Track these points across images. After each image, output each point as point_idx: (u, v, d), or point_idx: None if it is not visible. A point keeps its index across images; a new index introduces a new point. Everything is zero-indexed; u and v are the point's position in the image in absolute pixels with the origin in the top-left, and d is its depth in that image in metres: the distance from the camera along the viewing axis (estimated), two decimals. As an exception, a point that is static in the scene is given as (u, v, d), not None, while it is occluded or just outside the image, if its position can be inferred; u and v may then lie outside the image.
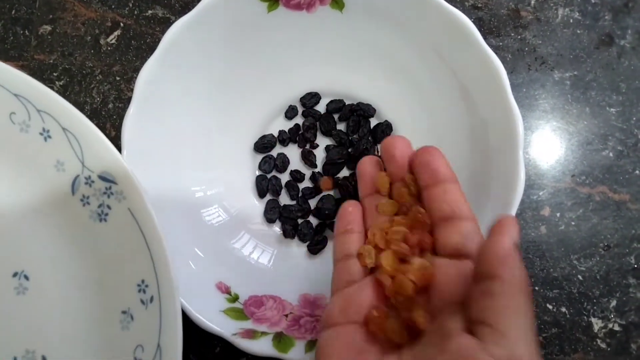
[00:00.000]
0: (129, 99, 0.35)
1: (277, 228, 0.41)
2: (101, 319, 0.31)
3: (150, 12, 0.45)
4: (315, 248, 0.40)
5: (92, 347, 0.31)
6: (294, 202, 0.41)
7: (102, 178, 0.31)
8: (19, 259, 0.32)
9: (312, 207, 0.41)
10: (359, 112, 0.41)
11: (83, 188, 0.31)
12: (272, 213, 0.40)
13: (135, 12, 0.45)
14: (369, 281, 0.27)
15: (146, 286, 0.30)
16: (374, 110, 0.41)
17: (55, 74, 0.44)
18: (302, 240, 0.40)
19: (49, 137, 0.31)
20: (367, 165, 0.30)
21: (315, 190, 0.41)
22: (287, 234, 0.40)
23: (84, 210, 0.32)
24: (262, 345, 0.34)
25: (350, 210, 0.29)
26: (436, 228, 0.26)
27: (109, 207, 0.31)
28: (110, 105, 0.43)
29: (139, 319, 0.30)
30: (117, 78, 0.44)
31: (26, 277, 0.32)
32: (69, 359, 0.31)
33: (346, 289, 0.27)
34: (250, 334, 0.34)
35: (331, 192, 0.41)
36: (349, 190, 0.40)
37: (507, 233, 0.22)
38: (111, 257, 0.31)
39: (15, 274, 0.32)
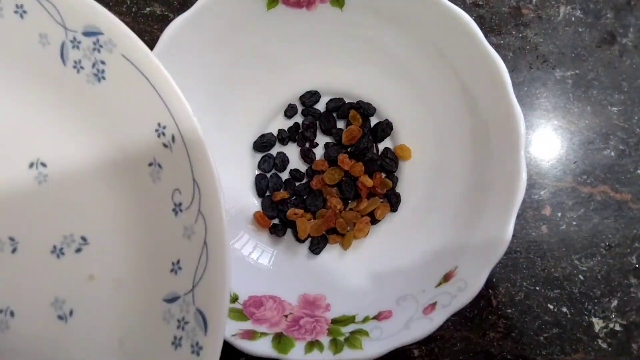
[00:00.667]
0: (127, 98, 0.35)
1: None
2: (129, 177, 0.29)
3: (148, 9, 0.45)
4: (316, 248, 0.39)
5: (126, 209, 0.30)
6: (293, 198, 0.41)
7: (87, 34, 0.28)
8: (32, 147, 0.30)
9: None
10: (359, 111, 0.41)
11: (72, 53, 0.29)
12: (271, 210, 0.40)
13: (133, 10, 0.44)
14: None
15: (164, 128, 0.28)
16: (374, 109, 0.41)
17: (52, 72, 0.44)
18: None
19: (24, 12, 0.29)
20: None
21: (309, 188, 0.41)
22: (278, 232, 0.40)
23: (80, 77, 0.29)
24: (262, 346, 0.33)
25: None
26: None
27: (102, 62, 0.29)
28: (108, 104, 0.43)
29: (167, 164, 0.28)
30: (115, 76, 0.43)
31: (43, 165, 0.30)
32: (107, 230, 0.30)
33: None
34: (250, 335, 0.34)
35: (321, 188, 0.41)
36: (343, 170, 0.40)
37: None
38: (122, 111, 0.29)
39: (31, 165, 0.30)
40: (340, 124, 0.42)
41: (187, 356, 0.27)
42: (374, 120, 0.42)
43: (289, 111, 0.42)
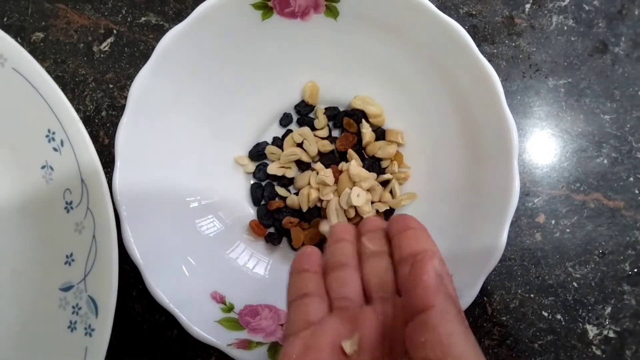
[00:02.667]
0: (123, 107, 0.35)
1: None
2: (23, 179, 0.33)
3: (143, 19, 0.45)
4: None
5: (22, 207, 0.33)
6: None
7: None
8: None
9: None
10: (354, 118, 0.41)
11: None
12: (267, 218, 0.40)
13: (129, 19, 0.45)
14: (329, 322, 0.25)
15: (54, 133, 0.31)
16: (366, 115, 0.41)
17: (48, 82, 0.44)
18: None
19: None
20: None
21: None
22: (273, 241, 0.40)
23: None
24: (258, 356, 0.33)
25: (308, 251, 0.29)
26: None
27: None
28: (104, 113, 0.43)
29: (58, 166, 0.32)
30: (111, 85, 0.44)
31: None
32: (3, 226, 0.34)
33: (304, 332, 0.25)
34: (246, 345, 0.34)
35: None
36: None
37: (429, 261, 0.22)
38: (14, 119, 0.32)
39: None
40: (335, 133, 0.42)
41: (81, 338, 0.31)
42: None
43: (284, 120, 0.42)
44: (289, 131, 0.42)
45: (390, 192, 0.40)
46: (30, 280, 0.33)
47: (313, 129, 0.42)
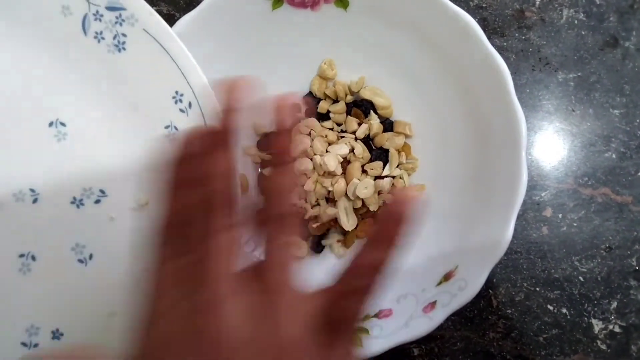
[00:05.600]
0: (133, 95, 0.35)
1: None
2: (147, 140, 0.33)
3: (154, 8, 0.45)
4: (317, 246, 0.40)
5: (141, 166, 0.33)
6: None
7: (110, 8, 0.31)
8: (51, 108, 0.33)
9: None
10: (362, 109, 0.41)
11: (94, 25, 0.32)
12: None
13: (140, 8, 0.45)
14: None
15: (181, 95, 0.32)
16: (374, 106, 0.41)
17: (59, 69, 0.44)
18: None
19: None
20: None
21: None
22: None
23: (100, 47, 0.32)
24: None
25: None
26: None
27: (124, 35, 0.32)
28: (114, 101, 0.43)
29: (184, 127, 0.32)
30: (121, 74, 0.44)
31: (62, 124, 0.33)
32: (126, 188, 0.33)
33: None
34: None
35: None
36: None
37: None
38: (141, 80, 0.32)
39: (51, 124, 0.33)
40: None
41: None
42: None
43: (293, 110, 0.42)
44: (297, 122, 0.42)
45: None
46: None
47: (320, 120, 0.42)
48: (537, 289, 0.40)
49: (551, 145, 0.42)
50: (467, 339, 0.39)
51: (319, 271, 0.39)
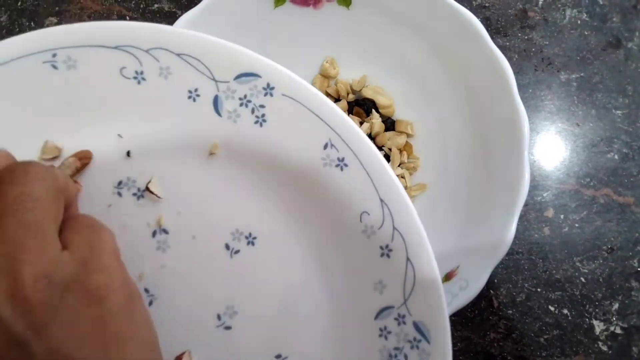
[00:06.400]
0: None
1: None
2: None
3: (156, 5, 0.45)
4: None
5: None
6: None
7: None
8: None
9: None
10: (363, 107, 0.41)
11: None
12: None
13: (142, 6, 0.45)
14: None
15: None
16: (376, 104, 0.41)
17: (60, 66, 0.44)
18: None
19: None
20: None
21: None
22: None
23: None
24: None
25: None
26: None
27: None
28: (115, 99, 0.43)
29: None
30: (122, 71, 0.44)
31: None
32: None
33: None
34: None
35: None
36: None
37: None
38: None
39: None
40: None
41: None
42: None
43: (294, 109, 0.42)
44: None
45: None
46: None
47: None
48: (539, 289, 0.40)
49: (553, 146, 0.42)
50: (467, 340, 0.39)
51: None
